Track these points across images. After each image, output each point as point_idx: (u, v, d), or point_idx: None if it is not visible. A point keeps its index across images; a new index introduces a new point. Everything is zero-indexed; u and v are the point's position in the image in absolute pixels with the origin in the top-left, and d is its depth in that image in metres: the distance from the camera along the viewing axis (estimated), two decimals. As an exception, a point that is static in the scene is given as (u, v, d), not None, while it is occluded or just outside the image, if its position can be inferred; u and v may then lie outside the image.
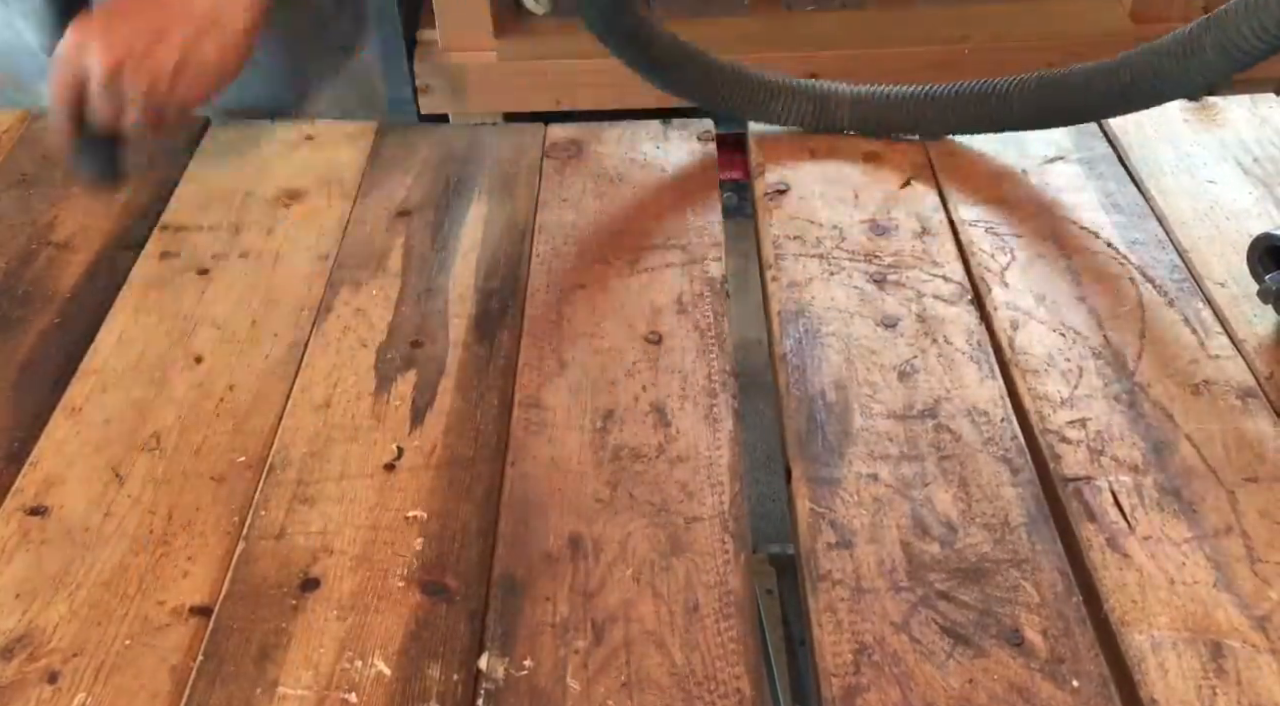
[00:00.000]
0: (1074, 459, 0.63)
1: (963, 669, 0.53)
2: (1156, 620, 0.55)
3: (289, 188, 0.84)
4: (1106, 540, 0.59)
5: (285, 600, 0.56)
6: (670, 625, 0.55)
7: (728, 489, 0.62)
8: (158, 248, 0.79)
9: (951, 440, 0.64)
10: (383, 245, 0.79)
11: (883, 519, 0.60)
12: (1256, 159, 0.86)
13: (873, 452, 0.63)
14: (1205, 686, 0.52)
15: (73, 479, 0.62)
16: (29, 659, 0.54)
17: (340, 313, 0.73)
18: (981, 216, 0.81)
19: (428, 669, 0.53)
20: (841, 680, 0.52)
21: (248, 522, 0.60)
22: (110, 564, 0.58)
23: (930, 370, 0.68)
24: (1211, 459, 0.63)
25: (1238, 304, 0.73)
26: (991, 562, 0.57)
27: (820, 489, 0.61)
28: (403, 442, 0.64)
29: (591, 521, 0.60)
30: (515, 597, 0.56)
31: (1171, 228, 0.79)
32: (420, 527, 0.60)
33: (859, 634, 0.54)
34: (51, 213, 0.82)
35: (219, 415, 0.66)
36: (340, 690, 0.52)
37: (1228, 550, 0.58)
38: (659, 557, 0.58)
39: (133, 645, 0.54)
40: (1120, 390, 0.67)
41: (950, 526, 0.59)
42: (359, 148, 0.88)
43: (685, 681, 0.53)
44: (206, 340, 0.71)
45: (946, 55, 1.51)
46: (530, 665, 0.53)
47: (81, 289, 0.75)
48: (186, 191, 0.84)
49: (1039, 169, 0.85)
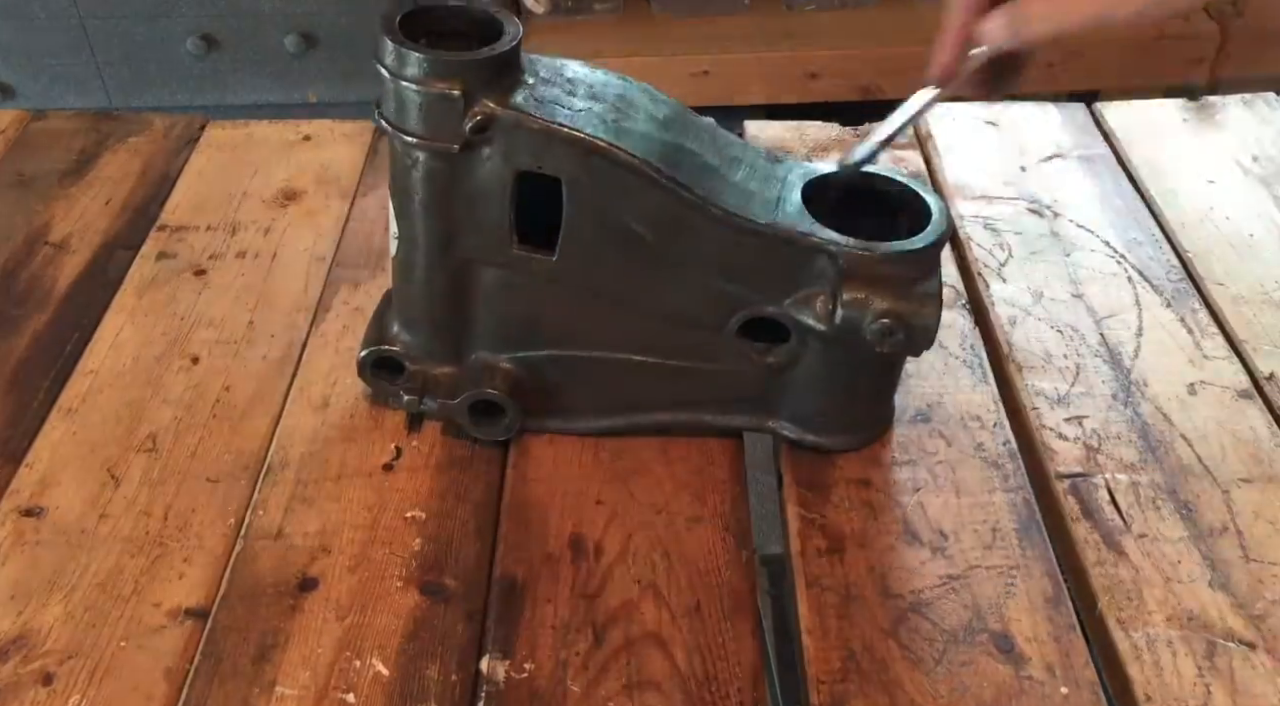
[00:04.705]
0: (1070, 456, 0.63)
1: (951, 675, 0.53)
2: (1151, 618, 0.55)
3: (287, 187, 0.84)
4: (1102, 537, 0.59)
5: (283, 600, 0.56)
6: (672, 626, 0.55)
7: (729, 489, 0.62)
8: (155, 248, 0.79)
9: (944, 445, 0.64)
10: (381, 244, 0.78)
11: (873, 524, 0.60)
12: (1256, 159, 0.86)
13: (864, 457, 0.63)
14: (1199, 685, 0.52)
15: (68, 480, 0.62)
16: (24, 661, 0.53)
17: (339, 312, 0.73)
18: (980, 213, 0.81)
19: (426, 669, 0.53)
20: (830, 686, 0.52)
21: (245, 523, 0.60)
22: (106, 565, 0.58)
23: (923, 375, 0.68)
24: (1207, 458, 0.63)
25: (1235, 304, 0.73)
26: (982, 568, 0.57)
27: (811, 494, 0.61)
28: (401, 443, 0.64)
29: (592, 522, 0.60)
30: (515, 599, 0.56)
31: (1170, 227, 0.79)
32: (419, 528, 0.60)
33: (848, 640, 0.54)
34: (48, 213, 0.82)
35: (216, 416, 0.66)
36: (338, 690, 0.52)
37: (1223, 549, 0.58)
38: (660, 558, 0.58)
39: (128, 647, 0.54)
40: (1117, 388, 0.67)
41: (941, 532, 0.59)
42: (357, 147, 0.88)
43: (687, 683, 0.53)
44: (203, 340, 0.71)
45: (945, 54, 1.50)
46: (531, 667, 0.53)
47: (78, 289, 0.75)
48: (183, 191, 0.84)
49: (1037, 167, 0.85)
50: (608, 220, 0.57)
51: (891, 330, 0.56)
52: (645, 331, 0.61)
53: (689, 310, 0.60)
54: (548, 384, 0.63)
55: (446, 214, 0.58)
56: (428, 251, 0.60)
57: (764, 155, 0.62)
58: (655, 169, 0.55)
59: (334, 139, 0.89)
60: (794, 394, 0.62)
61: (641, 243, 0.58)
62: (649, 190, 0.56)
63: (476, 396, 0.62)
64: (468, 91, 0.54)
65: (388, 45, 0.55)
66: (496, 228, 0.58)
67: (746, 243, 0.57)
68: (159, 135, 0.90)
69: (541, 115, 0.55)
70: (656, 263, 0.59)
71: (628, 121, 0.57)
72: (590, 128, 0.55)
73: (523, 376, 0.62)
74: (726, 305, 0.60)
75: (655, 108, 0.59)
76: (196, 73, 1.60)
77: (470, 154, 0.56)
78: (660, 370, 0.62)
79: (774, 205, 0.58)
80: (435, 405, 0.63)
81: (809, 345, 0.60)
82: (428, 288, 0.61)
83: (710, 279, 0.59)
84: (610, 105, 0.57)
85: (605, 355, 0.62)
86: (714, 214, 0.57)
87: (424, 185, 0.57)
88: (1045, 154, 0.87)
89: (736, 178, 0.59)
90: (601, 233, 0.58)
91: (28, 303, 0.74)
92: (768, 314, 0.60)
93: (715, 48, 1.54)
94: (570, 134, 0.55)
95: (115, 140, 0.89)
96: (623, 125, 0.56)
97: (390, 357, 0.64)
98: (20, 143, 0.89)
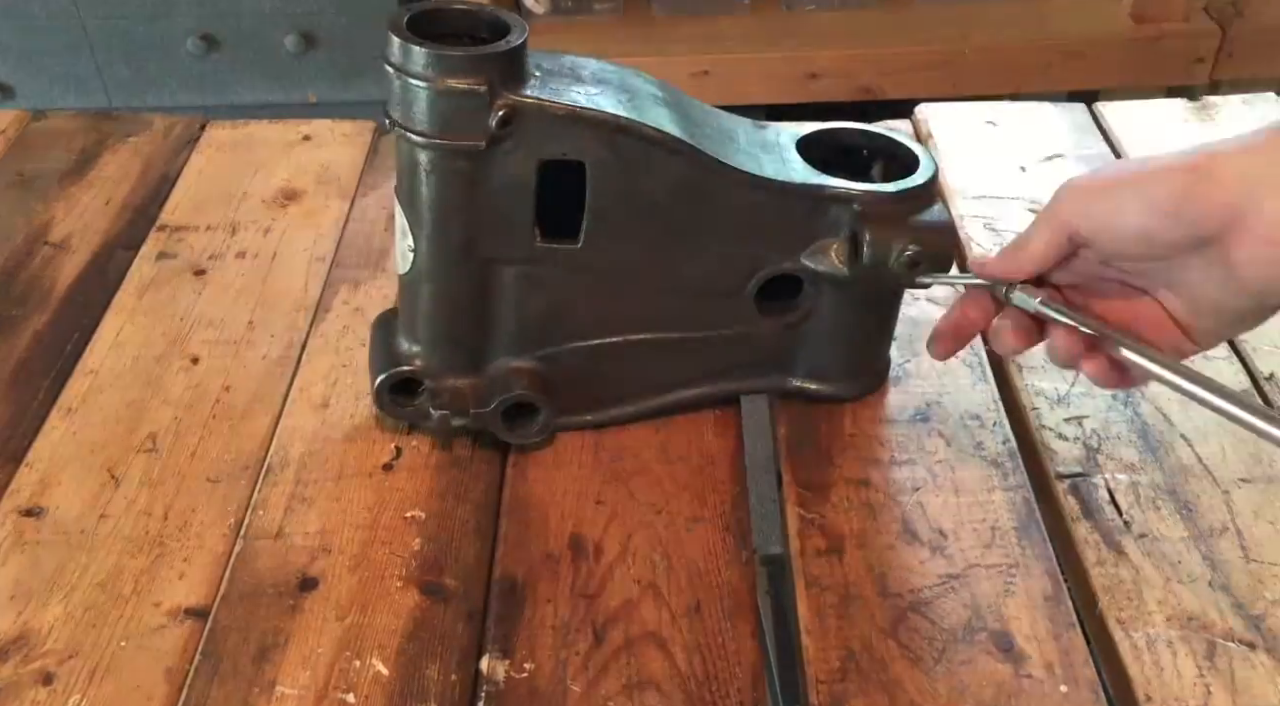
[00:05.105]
0: (1070, 456, 0.63)
1: (951, 675, 0.53)
2: (1151, 618, 0.55)
3: (286, 187, 0.84)
4: (1102, 537, 0.59)
5: (283, 600, 0.56)
6: (672, 626, 0.55)
7: (729, 489, 0.62)
8: (155, 248, 0.79)
9: (943, 444, 0.64)
10: (381, 244, 0.78)
11: (873, 524, 0.60)
12: (1254, 158, 0.86)
13: (863, 457, 0.63)
14: (1199, 685, 0.52)
15: (68, 480, 0.62)
16: (24, 660, 0.53)
17: (339, 312, 0.73)
18: (980, 213, 0.81)
19: (426, 669, 0.53)
20: (829, 686, 0.52)
21: (245, 523, 0.60)
22: (106, 565, 0.58)
23: (923, 374, 0.68)
24: (1207, 458, 0.63)
25: (1235, 303, 0.73)
26: (982, 567, 0.57)
27: (811, 494, 0.61)
28: (401, 442, 0.64)
29: (592, 522, 0.60)
30: (515, 599, 0.56)
31: (1169, 227, 0.79)
32: (419, 528, 0.60)
33: (847, 640, 0.54)
34: (48, 212, 0.82)
35: (216, 416, 0.66)
36: (338, 690, 0.52)
37: (1223, 549, 0.58)
38: (660, 558, 0.58)
39: (128, 647, 0.54)
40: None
41: (940, 531, 0.59)
42: (357, 147, 0.88)
43: (687, 683, 0.53)
44: (203, 340, 0.71)
45: (946, 55, 1.51)
46: (531, 667, 0.53)
47: (78, 289, 0.75)
48: (183, 191, 0.84)
49: (1037, 167, 0.85)
50: (631, 199, 0.58)
51: (916, 260, 0.59)
52: (666, 308, 0.62)
53: (708, 279, 0.62)
54: (571, 378, 0.63)
55: (468, 216, 0.58)
56: (447, 259, 0.59)
57: (750, 123, 0.64)
58: (678, 140, 0.57)
59: (334, 139, 0.89)
60: (808, 348, 0.64)
61: (663, 216, 0.59)
62: (672, 161, 0.57)
63: (509, 400, 0.61)
64: (490, 85, 0.54)
65: (400, 45, 0.55)
66: (520, 224, 0.58)
67: (766, 202, 0.59)
68: (159, 135, 0.90)
69: (562, 101, 0.55)
70: (677, 235, 0.60)
71: (639, 99, 0.58)
72: (610, 107, 0.56)
73: (547, 374, 0.62)
74: (745, 268, 0.62)
75: (652, 88, 0.61)
76: (196, 73, 1.60)
77: (493, 150, 0.56)
78: (682, 345, 0.63)
79: (781, 164, 0.61)
80: (467, 417, 0.62)
81: (823, 295, 0.62)
82: (447, 297, 0.61)
83: (729, 244, 0.61)
84: (617, 87, 0.58)
85: (626, 338, 0.63)
86: (737, 177, 0.58)
87: (442, 188, 0.57)
88: (1045, 154, 0.87)
89: (741, 143, 0.61)
90: (624, 212, 0.58)
91: (28, 303, 0.74)
92: (785, 270, 0.62)
93: (715, 48, 1.54)
94: (595, 115, 0.55)
95: (115, 140, 0.89)
96: (636, 103, 0.57)
97: (408, 378, 0.62)
98: (20, 143, 0.89)
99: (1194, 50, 1.55)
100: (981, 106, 0.92)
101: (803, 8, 1.60)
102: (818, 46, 1.53)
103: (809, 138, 0.63)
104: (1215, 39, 1.54)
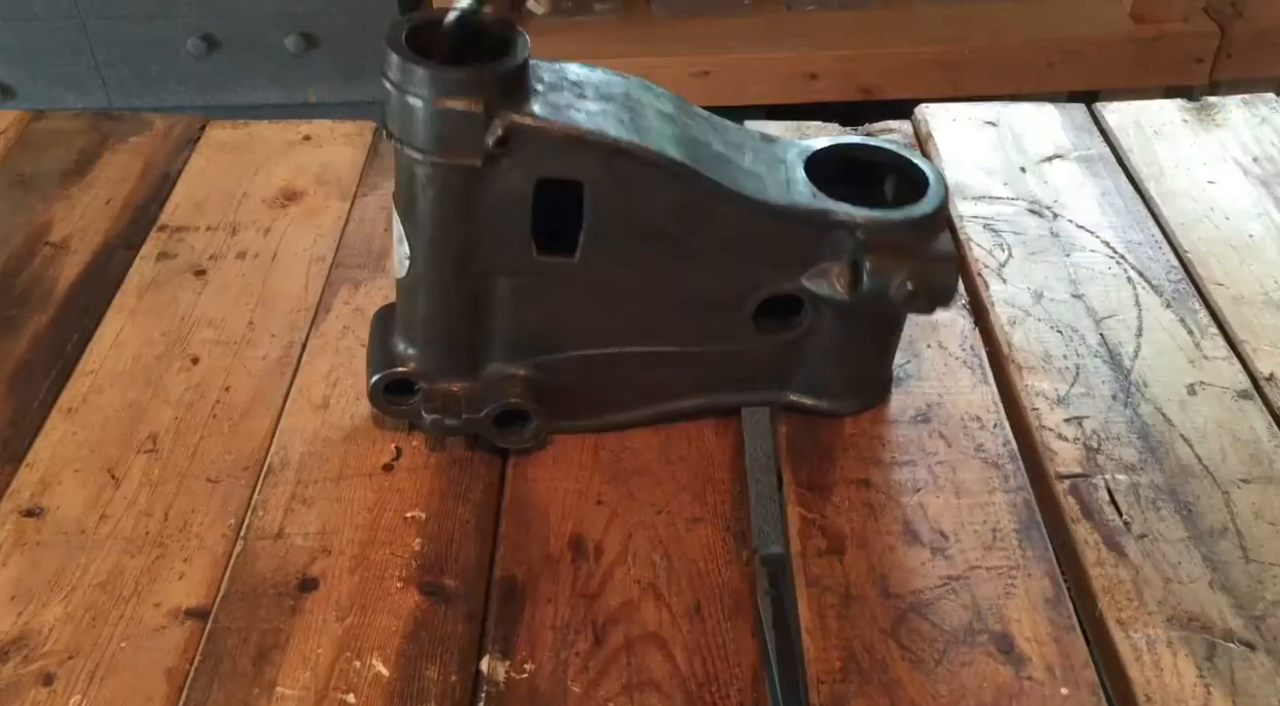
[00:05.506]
0: (1070, 456, 0.63)
1: (952, 676, 0.53)
2: (1151, 618, 0.55)
3: (287, 187, 0.84)
4: (1102, 538, 0.59)
5: (283, 600, 0.56)
6: (672, 627, 0.55)
7: (729, 489, 0.62)
8: (155, 248, 0.79)
9: (944, 445, 0.64)
10: (381, 245, 0.78)
11: (873, 524, 0.60)
12: (1256, 159, 0.86)
13: (864, 458, 0.63)
14: (1199, 686, 0.52)
15: (69, 480, 0.62)
16: (24, 661, 0.54)
17: (339, 312, 0.73)
18: (980, 213, 0.81)
19: (426, 669, 0.53)
20: (830, 687, 0.52)
21: (245, 523, 0.60)
22: (106, 566, 0.58)
23: (923, 375, 0.68)
24: (1207, 458, 0.63)
25: (1235, 304, 0.73)
26: (982, 569, 0.57)
27: (812, 494, 0.61)
28: (401, 443, 0.64)
29: (592, 522, 0.60)
30: (515, 599, 0.56)
31: (1169, 228, 0.79)
32: (419, 528, 0.60)
33: (848, 640, 0.54)
34: (49, 213, 0.82)
35: (216, 416, 0.66)
36: (339, 690, 0.52)
37: (1223, 550, 0.58)
38: (660, 559, 0.58)
39: (128, 647, 0.54)
40: (1117, 389, 0.67)
41: (941, 532, 0.59)
42: (357, 147, 0.88)
43: (687, 683, 0.53)
44: (203, 341, 0.71)
45: (946, 55, 1.51)
46: (531, 667, 0.53)
47: (78, 289, 0.75)
48: (183, 192, 0.84)
49: (1037, 167, 0.85)
50: (629, 218, 0.58)
51: (916, 293, 0.58)
52: (663, 322, 0.62)
53: (707, 296, 0.61)
54: (566, 386, 0.63)
55: (463, 229, 0.57)
56: (443, 268, 0.59)
57: (758, 137, 0.63)
58: (678, 163, 0.56)
59: (334, 139, 0.89)
60: (807, 364, 0.64)
61: (663, 235, 0.58)
62: (672, 184, 0.57)
63: (502, 407, 0.61)
64: (487, 105, 0.54)
65: (398, 63, 0.54)
66: (516, 238, 0.58)
67: (767, 225, 0.59)
68: (159, 135, 0.90)
69: (561, 121, 0.55)
70: (676, 254, 0.59)
71: (641, 119, 0.57)
72: (610, 129, 0.55)
73: (541, 381, 0.62)
74: (744, 287, 0.61)
75: (659, 102, 0.60)
76: (196, 73, 1.60)
77: (490, 167, 0.55)
78: (679, 358, 0.63)
79: (785, 185, 0.60)
80: (459, 421, 0.62)
81: (823, 316, 0.62)
82: (443, 304, 0.60)
83: (729, 263, 0.60)
84: (621, 104, 0.57)
85: (623, 350, 0.62)
86: (737, 200, 0.58)
87: (440, 202, 0.56)
88: (1045, 154, 0.87)
89: (745, 162, 0.60)
90: (622, 230, 0.58)
91: (28, 303, 0.74)
92: (784, 291, 0.61)
93: (715, 48, 1.54)
94: (594, 137, 0.55)
95: (115, 140, 0.89)
96: (638, 123, 0.57)
97: (402, 379, 0.62)
98: (20, 143, 0.89)
99: (1193, 50, 1.55)
100: (981, 106, 0.92)
101: (803, 8, 1.60)
102: (818, 46, 1.53)
103: (819, 153, 0.62)
104: (1215, 39, 1.54)
